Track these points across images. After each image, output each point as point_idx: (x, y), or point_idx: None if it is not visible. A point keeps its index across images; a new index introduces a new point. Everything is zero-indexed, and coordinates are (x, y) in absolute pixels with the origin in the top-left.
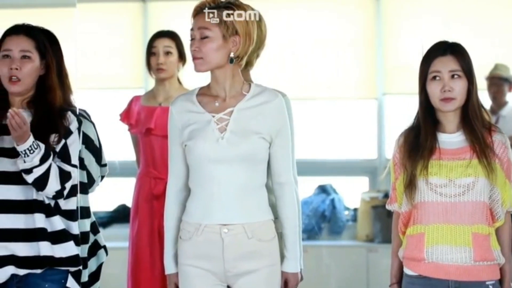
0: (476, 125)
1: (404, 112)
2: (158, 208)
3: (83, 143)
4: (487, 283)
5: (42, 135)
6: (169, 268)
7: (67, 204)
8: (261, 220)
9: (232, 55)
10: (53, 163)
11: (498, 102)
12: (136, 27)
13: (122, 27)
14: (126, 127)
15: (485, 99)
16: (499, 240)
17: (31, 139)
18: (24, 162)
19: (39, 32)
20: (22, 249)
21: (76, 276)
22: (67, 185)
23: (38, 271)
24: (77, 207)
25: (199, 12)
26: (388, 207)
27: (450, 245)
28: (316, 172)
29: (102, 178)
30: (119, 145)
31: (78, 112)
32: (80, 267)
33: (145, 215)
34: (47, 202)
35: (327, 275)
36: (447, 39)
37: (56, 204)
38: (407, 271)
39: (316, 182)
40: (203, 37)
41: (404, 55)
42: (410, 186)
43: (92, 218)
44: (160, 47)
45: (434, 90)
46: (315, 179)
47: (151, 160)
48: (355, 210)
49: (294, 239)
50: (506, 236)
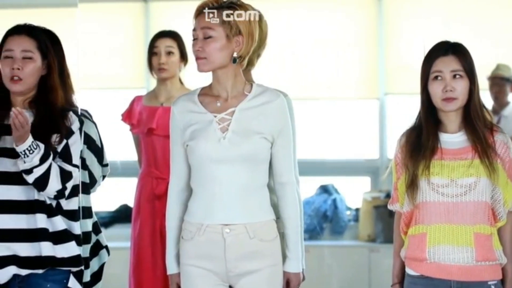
0: (478, 125)
1: (406, 112)
2: (160, 208)
3: (85, 143)
4: (489, 283)
5: (43, 135)
6: (171, 268)
7: (69, 204)
8: (263, 220)
9: (235, 55)
10: (53, 162)
11: (500, 102)
12: (137, 27)
13: (123, 27)
14: (128, 127)
15: (487, 99)
16: (501, 240)
17: (30, 139)
18: (24, 163)
19: (41, 32)
20: (24, 249)
21: (78, 276)
22: (68, 185)
23: (40, 271)
24: (79, 207)
25: (202, 12)
26: (390, 207)
27: (452, 245)
28: (318, 172)
29: (104, 178)
30: (121, 145)
31: (80, 112)
32: (82, 267)
33: (147, 215)
34: (48, 202)
35: (329, 275)
36: (448, 39)
37: (58, 204)
38: (409, 271)
39: (318, 182)
40: (207, 37)
41: (405, 55)
42: (412, 186)
43: (94, 218)
44: (162, 47)
45: (436, 90)
46: (317, 179)
47: (153, 160)
48: (357, 210)
49: (296, 239)
50: (508, 236)
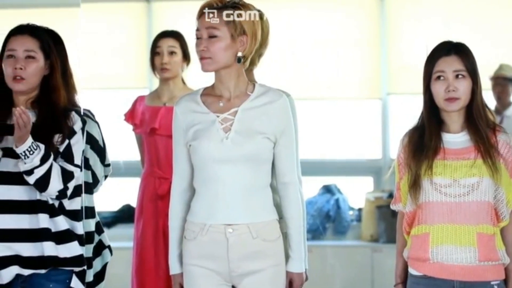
0: (480, 125)
1: (409, 112)
2: (163, 208)
3: (88, 143)
4: (492, 283)
5: (45, 135)
6: (174, 268)
7: (72, 204)
8: (265, 220)
9: (239, 54)
10: (54, 163)
11: (503, 102)
12: (140, 27)
13: (126, 27)
14: (131, 127)
15: (489, 99)
16: (504, 240)
17: (30, 139)
18: (25, 164)
19: (44, 32)
20: (26, 249)
21: (81, 276)
22: (70, 185)
23: (43, 271)
24: (81, 207)
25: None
26: (392, 207)
27: (455, 245)
28: (321, 172)
29: (106, 178)
30: (123, 145)
31: (82, 112)
32: (85, 267)
33: (149, 215)
34: (51, 202)
35: (331, 275)
36: (451, 39)
37: (61, 204)
38: (412, 271)
39: (321, 182)
40: (212, 36)
41: (408, 55)
42: (415, 186)
43: (97, 218)
44: (164, 47)
45: (438, 90)
46: (319, 179)
47: (155, 160)
48: (360, 210)
49: (298, 239)
50: (511, 236)
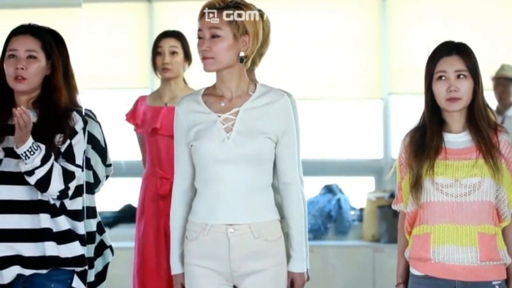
0: (482, 125)
1: (410, 112)
2: (164, 208)
3: (89, 143)
4: (494, 283)
5: (47, 135)
6: (175, 268)
7: (73, 204)
8: (267, 220)
9: (242, 54)
10: (55, 163)
11: (504, 103)
12: (141, 27)
13: (127, 27)
14: (132, 127)
15: (491, 100)
16: (505, 240)
17: (31, 140)
18: (26, 164)
19: (45, 32)
20: (27, 249)
21: (82, 276)
22: (71, 185)
23: (44, 271)
24: (83, 207)
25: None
26: (394, 207)
27: (456, 245)
28: (322, 172)
29: (107, 178)
30: (125, 145)
31: (84, 112)
32: (86, 267)
33: (151, 215)
34: (52, 202)
35: (333, 275)
36: (452, 39)
37: (62, 204)
38: (413, 271)
39: (322, 182)
40: (214, 36)
41: (409, 55)
42: (416, 186)
43: (98, 218)
44: (166, 47)
45: (440, 90)
46: (321, 179)
47: (157, 160)
48: (361, 210)
49: (300, 239)
50: None
